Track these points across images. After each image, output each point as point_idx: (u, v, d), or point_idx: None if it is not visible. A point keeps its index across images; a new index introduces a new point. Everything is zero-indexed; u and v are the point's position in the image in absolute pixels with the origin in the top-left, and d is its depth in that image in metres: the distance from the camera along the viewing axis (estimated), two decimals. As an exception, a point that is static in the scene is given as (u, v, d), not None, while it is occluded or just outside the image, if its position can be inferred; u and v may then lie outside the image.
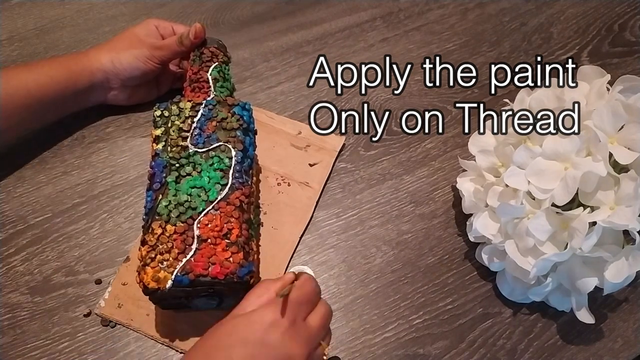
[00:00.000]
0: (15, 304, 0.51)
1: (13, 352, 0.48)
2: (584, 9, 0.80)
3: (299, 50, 0.73)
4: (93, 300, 0.51)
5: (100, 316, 0.50)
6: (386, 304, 0.53)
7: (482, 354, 0.51)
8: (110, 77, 0.58)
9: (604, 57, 0.75)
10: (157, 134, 0.48)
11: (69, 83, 0.56)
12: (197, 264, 0.41)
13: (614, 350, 0.52)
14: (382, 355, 0.51)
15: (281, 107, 0.67)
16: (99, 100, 0.61)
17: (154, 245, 0.42)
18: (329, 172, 0.61)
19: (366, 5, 0.78)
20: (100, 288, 0.52)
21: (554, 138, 0.47)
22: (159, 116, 0.49)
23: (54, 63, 0.57)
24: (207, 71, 0.55)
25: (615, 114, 0.45)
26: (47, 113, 0.58)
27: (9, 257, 0.54)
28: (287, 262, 0.55)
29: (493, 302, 0.54)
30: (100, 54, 0.58)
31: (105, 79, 0.58)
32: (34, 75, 0.55)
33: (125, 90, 0.61)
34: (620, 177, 0.45)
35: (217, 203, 0.44)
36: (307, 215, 0.58)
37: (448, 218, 0.59)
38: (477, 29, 0.77)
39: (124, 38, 0.59)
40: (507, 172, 0.47)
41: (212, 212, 0.43)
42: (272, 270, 0.54)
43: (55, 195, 0.58)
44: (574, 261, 0.47)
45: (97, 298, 0.51)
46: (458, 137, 0.66)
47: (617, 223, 0.43)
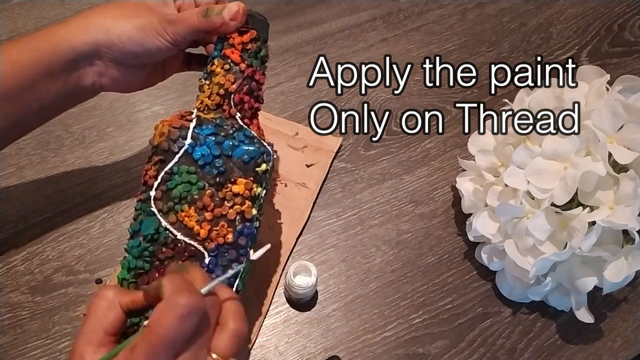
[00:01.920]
0: (15, 304, 0.51)
1: (14, 352, 0.49)
2: (584, 9, 0.80)
3: (298, 51, 0.73)
4: (93, 299, 0.52)
5: None
6: (386, 304, 0.54)
7: (481, 353, 0.51)
8: (103, 52, 0.43)
9: (604, 57, 0.75)
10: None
11: (39, 67, 0.42)
12: None
13: (613, 350, 0.52)
14: (382, 354, 0.51)
15: (281, 107, 0.67)
16: (88, 83, 0.45)
17: None
18: (326, 173, 0.61)
19: (366, 6, 0.78)
20: (100, 288, 0.52)
21: (553, 138, 0.47)
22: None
23: (15, 45, 0.43)
24: (263, 73, 0.45)
25: (615, 113, 0.45)
26: (19, 112, 0.43)
27: (10, 257, 0.54)
28: (284, 264, 0.55)
29: (492, 301, 0.54)
30: (91, 19, 0.43)
31: (94, 52, 0.43)
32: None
33: (120, 71, 0.46)
34: (619, 177, 0.45)
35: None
36: (304, 216, 0.58)
37: (448, 218, 0.60)
38: (477, 29, 0.77)
39: (127, 4, 0.44)
40: (507, 171, 0.48)
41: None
42: (267, 272, 0.54)
43: (55, 195, 0.58)
44: (573, 261, 0.47)
45: (97, 297, 0.52)
46: (458, 137, 0.66)
47: (617, 223, 0.43)
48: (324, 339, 0.51)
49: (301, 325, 0.52)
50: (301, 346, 0.51)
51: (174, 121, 0.40)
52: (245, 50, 0.43)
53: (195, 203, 0.39)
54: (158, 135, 0.40)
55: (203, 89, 0.43)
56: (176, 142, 0.39)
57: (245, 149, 0.39)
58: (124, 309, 0.31)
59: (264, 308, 0.52)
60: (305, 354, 0.51)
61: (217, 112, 0.43)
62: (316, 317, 0.53)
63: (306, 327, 0.52)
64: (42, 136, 0.62)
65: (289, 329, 0.52)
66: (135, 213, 0.41)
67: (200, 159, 0.39)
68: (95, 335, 0.30)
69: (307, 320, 0.52)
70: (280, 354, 0.50)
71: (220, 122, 0.41)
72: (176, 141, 0.39)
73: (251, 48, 0.43)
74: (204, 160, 0.39)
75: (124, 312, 0.31)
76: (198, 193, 0.39)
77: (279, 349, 0.51)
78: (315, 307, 0.53)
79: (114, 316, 0.31)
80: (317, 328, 0.52)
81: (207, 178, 0.40)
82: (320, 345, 0.51)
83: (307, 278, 0.49)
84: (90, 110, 0.64)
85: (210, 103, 0.43)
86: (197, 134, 0.39)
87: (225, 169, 0.39)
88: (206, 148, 0.39)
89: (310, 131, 0.64)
